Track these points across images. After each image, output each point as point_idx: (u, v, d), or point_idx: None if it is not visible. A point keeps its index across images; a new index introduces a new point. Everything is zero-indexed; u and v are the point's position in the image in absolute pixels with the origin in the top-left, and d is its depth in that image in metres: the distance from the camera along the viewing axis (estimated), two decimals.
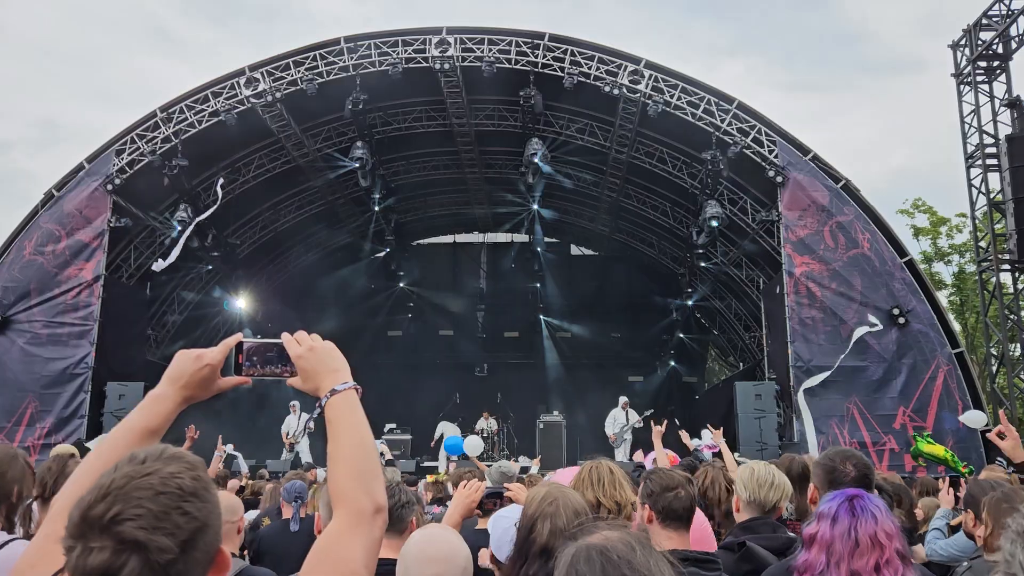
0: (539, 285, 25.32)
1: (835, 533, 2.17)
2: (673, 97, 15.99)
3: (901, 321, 14.90)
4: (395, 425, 19.10)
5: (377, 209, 20.56)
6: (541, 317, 25.66)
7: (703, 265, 20.58)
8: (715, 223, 16.45)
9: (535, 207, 20.75)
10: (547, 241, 24.49)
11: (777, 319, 16.26)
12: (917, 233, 29.09)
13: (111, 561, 1.07)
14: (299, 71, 16.47)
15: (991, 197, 17.10)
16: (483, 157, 20.98)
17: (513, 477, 6.34)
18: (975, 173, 17.40)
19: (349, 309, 25.23)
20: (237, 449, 15.30)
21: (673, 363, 25.98)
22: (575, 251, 27.04)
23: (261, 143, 18.70)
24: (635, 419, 17.06)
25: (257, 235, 21.84)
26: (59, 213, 16.30)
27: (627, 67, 15.99)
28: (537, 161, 16.88)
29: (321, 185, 20.74)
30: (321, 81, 16.41)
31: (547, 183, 19.34)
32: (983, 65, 17.29)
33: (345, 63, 16.51)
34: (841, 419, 14.69)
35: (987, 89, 17.34)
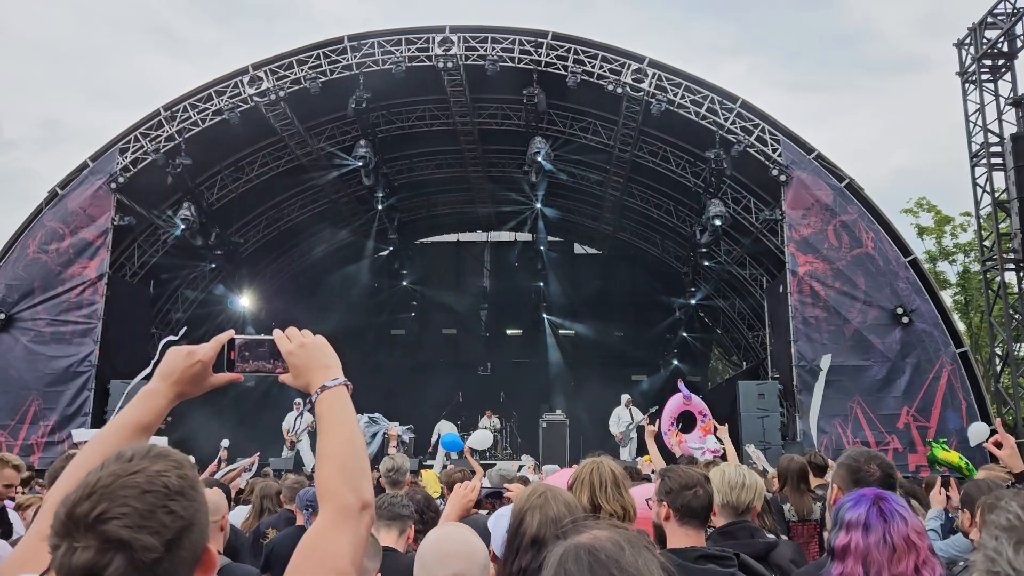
0: (542, 284, 25.32)
1: (870, 542, 2.11)
2: (676, 96, 15.96)
3: (905, 320, 14.86)
4: (398, 423, 19.09)
5: (380, 208, 20.57)
6: (544, 316, 25.66)
7: (706, 264, 20.55)
8: (719, 222, 16.43)
9: (538, 206, 20.75)
10: (550, 240, 24.50)
11: (780, 318, 16.23)
12: (921, 232, 28.99)
13: (96, 560, 1.06)
14: (303, 70, 16.48)
15: (996, 196, 17.03)
16: (486, 156, 20.97)
17: (513, 479, 6.34)
18: (980, 172, 17.34)
19: (352, 307, 25.24)
20: (239, 447, 15.30)
21: (676, 362, 25.95)
22: (578, 250, 27.03)
23: (264, 142, 18.72)
24: (640, 417, 17.01)
25: (260, 233, 21.87)
26: (63, 211, 16.33)
27: (630, 66, 15.96)
28: (540, 160, 16.87)
29: (324, 184, 20.75)
30: (325, 80, 16.42)
31: (550, 182, 19.33)
32: (988, 64, 17.22)
33: (348, 62, 16.51)
34: (844, 418, 14.66)
35: (992, 88, 17.27)
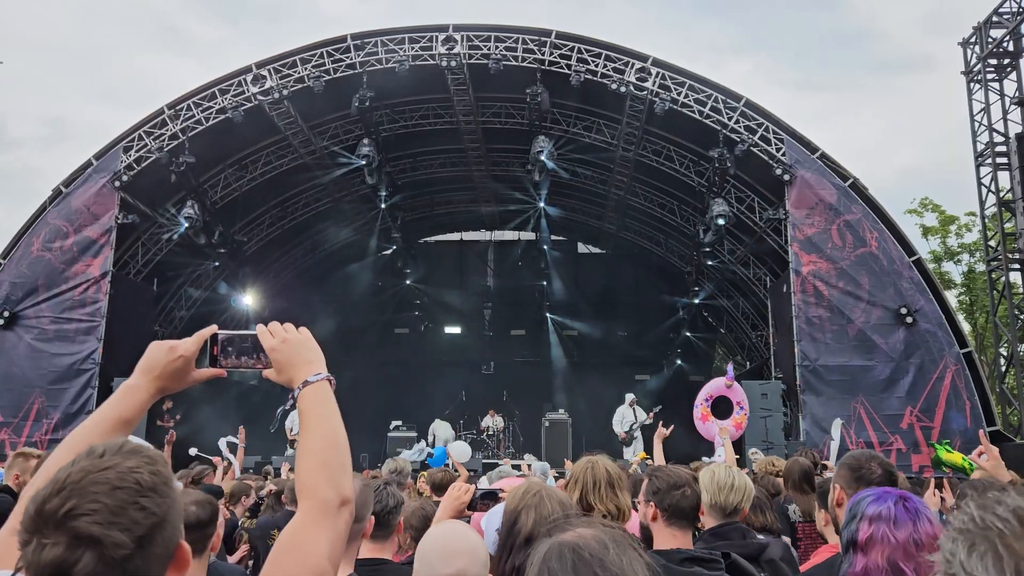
0: (546, 283, 25.30)
1: (899, 537, 2.10)
2: (680, 95, 15.93)
3: (909, 320, 14.81)
4: (401, 422, 19.11)
5: (384, 207, 20.57)
6: (548, 315, 25.64)
7: (710, 263, 20.52)
8: (722, 221, 16.39)
9: (542, 205, 20.75)
10: (554, 239, 24.49)
11: (784, 318, 16.19)
12: (926, 232, 28.94)
13: (65, 556, 1.05)
14: (306, 68, 16.48)
15: (1001, 196, 16.97)
16: (490, 155, 20.96)
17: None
18: (985, 172, 17.28)
19: (356, 306, 25.27)
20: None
21: (680, 361, 25.91)
22: (582, 249, 27.01)
23: (268, 140, 18.74)
24: (644, 417, 16.99)
25: (264, 232, 21.89)
26: (67, 209, 16.36)
27: (634, 65, 15.94)
28: (544, 159, 16.84)
29: (328, 182, 20.75)
30: (328, 78, 16.42)
31: (554, 181, 19.32)
32: (993, 63, 17.16)
33: (352, 60, 16.51)
34: (848, 419, 14.60)
35: (997, 87, 17.22)
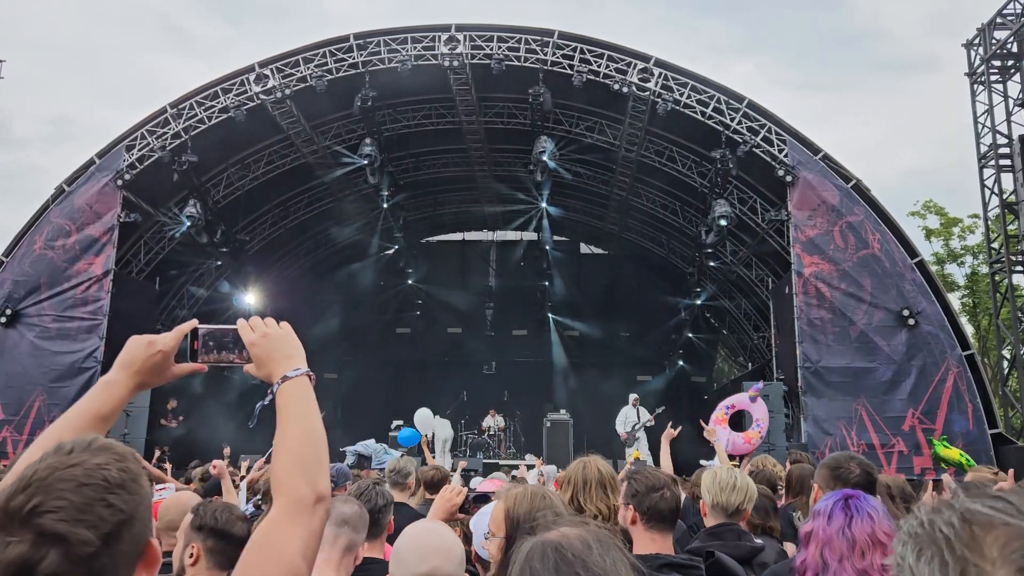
0: (548, 283, 25.27)
1: (831, 531, 2.17)
2: (683, 95, 15.91)
3: (911, 322, 14.77)
4: (402, 422, 19.08)
5: (386, 206, 20.55)
6: (549, 315, 25.62)
7: (712, 264, 20.49)
8: (724, 222, 16.36)
9: (544, 205, 20.73)
10: (556, 239, 24.47)
11: (786, 319, 16.15)
12: (929, 235, 28.88)
13: (30, 554, 1.04)
14: (309, 68, 16.48)
15: (1004, 198, 16.93)
16: (492, 155, 20.95)
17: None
18: (988, 174, 17.25)
19: (357, 306, 25.28)
20: (242, 446, 15.32)
21: (682, 362, 25.89)
22: (584, 249, 27.00)
23: (270, 140, 18.75)
24: (647, 417, 16.95)
25: (266, 231, 21.90)
26: (69, 208, 16.38)
27: (636, 65, 15.92)
28: (546, 159, 16.82)
29: (330, 182, 20.75)
30: (331, 78, 16.42)
31: (556, 181, 19.31)
32: (997, 64, 17.12)
33: (355, 60, 16.52)
34: (849, 420, 14.58)
35: (1001, 89, 17.18)
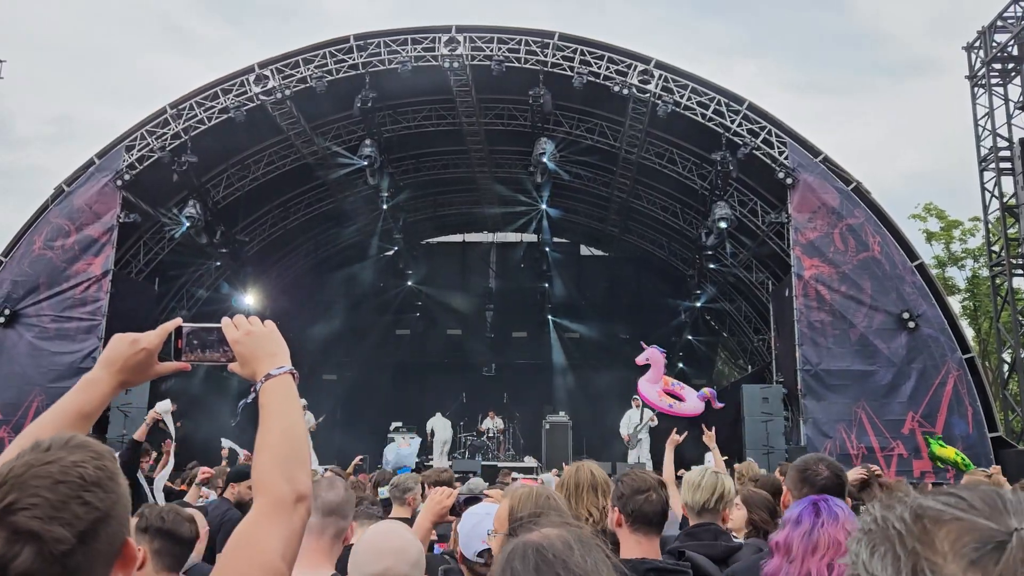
0: (547, 285, 25.27)
1: (795, 535, 2.21)
2: (683, 97, 15.90)
3: (911, 325, 14.76)
4: (401, 424, 19.11)
5: (386, 207, 20.55)
6: (549, 317, 25.62)
7: (712, 267, 20.47)
8: (724, 224, 16.35)
9: (544, 207, 20.72)
10: (556, 241, 24.47)
11: (786, 322, 16.13)
12: (930, 238, 28.86)
13: (3, 551, 1.03)
14: (309, 68, 16.48)
15: (1004, 201, 16.92)
16: (492, 156, 20.94)
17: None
18: (988, 176, 17.24)
19: (357, 307, 25.27)
20: (244, 446, 15.28)
21: (682, 365, 25.82)
22: (584, 251, 26.98)
23: (270, 140, 18.74)
24: (649, 417, 16.90)
25: (266, 232, 21.89)
26: (69, 208, 16.37)
27: (637, 67, 15.91)
28: (546, 161, 16.82)
29: (330, 183, 20.76)
30: (331, 79, 16.42)
31: (556, 183, 19.30)
32: (998, 67, 17.12)
33: (355, 61, 16.51)
34: (849, 424, 14.56)
35: (1002, 92, 17.18)
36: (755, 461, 7.48)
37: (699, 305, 23.30)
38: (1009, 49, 16.84)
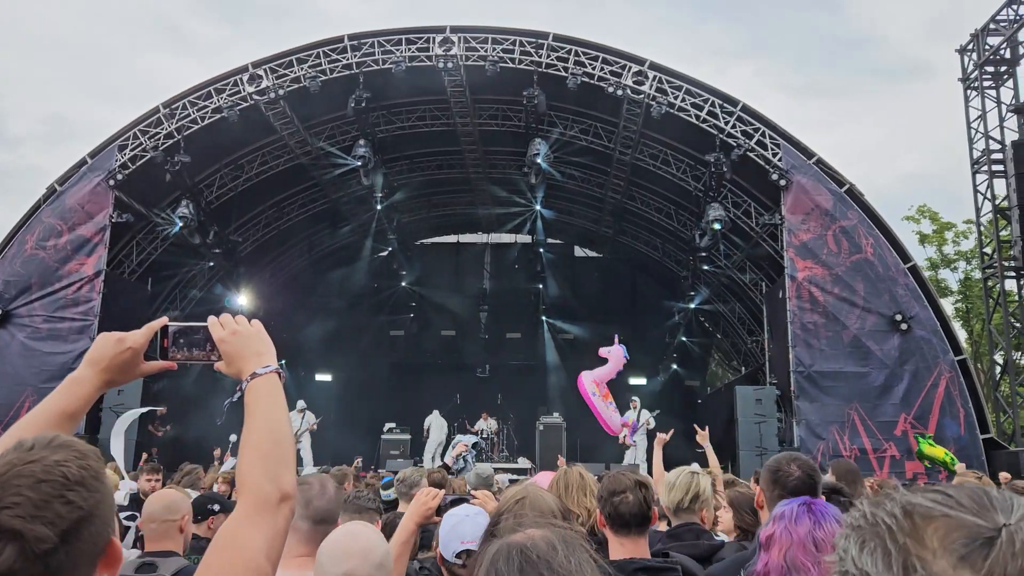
0: (542, 286, 25.28)
1: (796, 537, 2.17)
2: (677, 99, 15.92)
3: (904, 327, 14.80)
4: (394, 424, 19.09)
5: (379, 208, 20.53)
6: (543, 318, 25.62)
7: (706, 268, 20.50)
8: (718, 226, 16.38)
9: (538, 208, 20.72)
10: (550, 242, 24.47)
11: (779, 323, 16.17)
12: (923, 239, 28.95)
13: None
14: (302, 68, 16.45)
15: (997, 203, 16.98)
16: (487, 157, 20.93)
17: (490, 479, 6.28)
18: (981, 179, 17.30)
19: (351, 308, 25.23)
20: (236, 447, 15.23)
21: (675, 366, 25.88)
22: (578, 252, 27.00)
23: (264, 140, 18.69)
24: (646, 417, 16.91)
25: (259, 233, 21.84)
26: (61, 208, 16.31)
27: (631, 68, 15.93)
28: (540, 161, 16.83)
29: (324, 183, 20.73)
30: (325, 79, 16.39)
31: (551, 184, 19.30)
32: (990, 70, 17.19)
33: (349, 61, 16.49)
34: (842, 425, 14.59)
35: (994, 94, 17.25)
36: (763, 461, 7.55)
37: (693, 306, 23.33)
38: (1002, 52, 16.91)
